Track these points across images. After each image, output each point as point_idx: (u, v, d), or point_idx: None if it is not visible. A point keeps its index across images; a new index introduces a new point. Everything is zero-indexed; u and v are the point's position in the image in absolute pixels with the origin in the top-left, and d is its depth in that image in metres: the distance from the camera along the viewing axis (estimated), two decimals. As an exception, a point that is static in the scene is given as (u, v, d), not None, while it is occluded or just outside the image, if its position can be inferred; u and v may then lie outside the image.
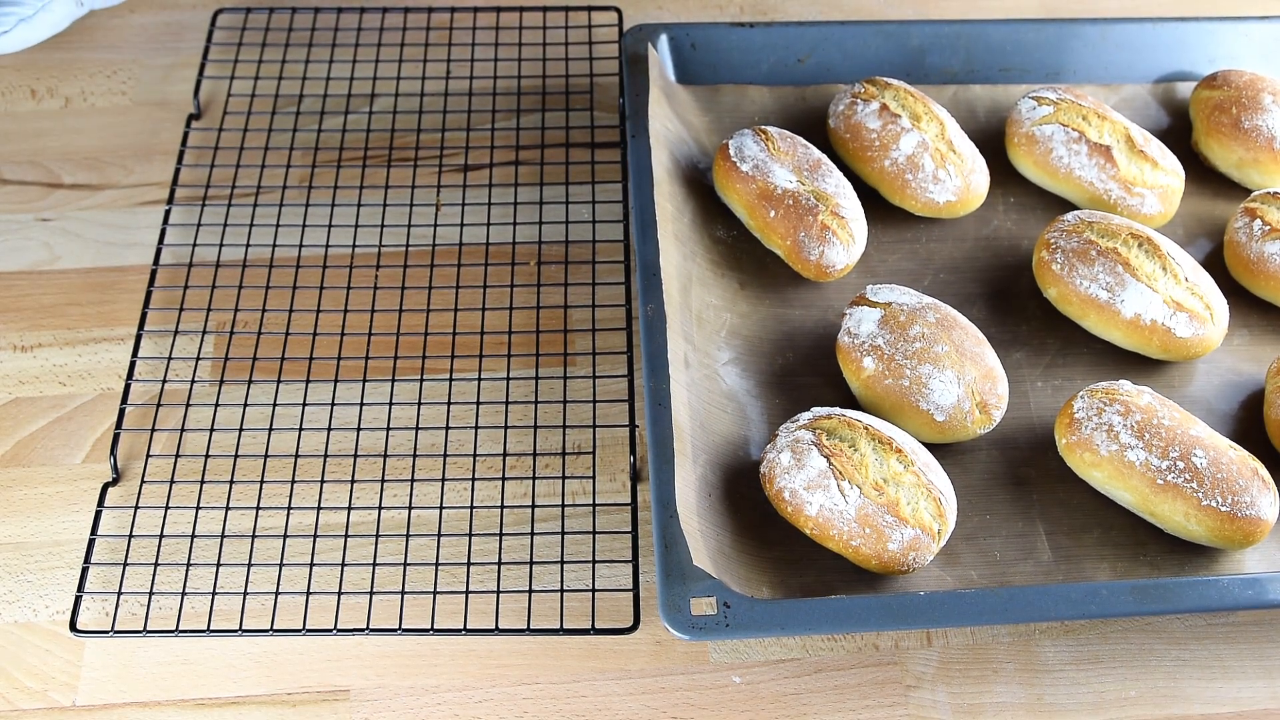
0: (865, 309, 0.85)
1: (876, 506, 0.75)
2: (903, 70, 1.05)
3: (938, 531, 0.76)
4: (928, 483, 0.76)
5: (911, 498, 0.76)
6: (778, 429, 0.82)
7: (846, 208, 0.91)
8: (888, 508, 0.75)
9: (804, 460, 0.77)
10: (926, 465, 0.78)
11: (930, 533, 0.76)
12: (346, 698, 0.76)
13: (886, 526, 0.75)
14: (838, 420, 0.79)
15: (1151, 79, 1.07)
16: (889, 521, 0.75)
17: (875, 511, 0.75)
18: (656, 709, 0.76)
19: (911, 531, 0.75)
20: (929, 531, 0.76)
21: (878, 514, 0.75)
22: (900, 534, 0.75)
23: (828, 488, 0.76)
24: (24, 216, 0.98)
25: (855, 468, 0.76)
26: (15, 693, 0.75)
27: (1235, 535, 0.78)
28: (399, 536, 0.81)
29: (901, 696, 0.76)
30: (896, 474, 0.76)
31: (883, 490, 0.76)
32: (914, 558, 0.76)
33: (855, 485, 0.76)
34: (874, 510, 0.75)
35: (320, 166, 1.00)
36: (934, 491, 0.76)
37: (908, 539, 0.75)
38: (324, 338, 0.90)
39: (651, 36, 1.02)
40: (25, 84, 1.07)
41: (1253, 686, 0.77)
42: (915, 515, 0.76)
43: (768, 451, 0.80)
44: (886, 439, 0.77)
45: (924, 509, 0.76)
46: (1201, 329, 0.87)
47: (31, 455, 0.85)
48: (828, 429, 0.78)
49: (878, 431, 0.78)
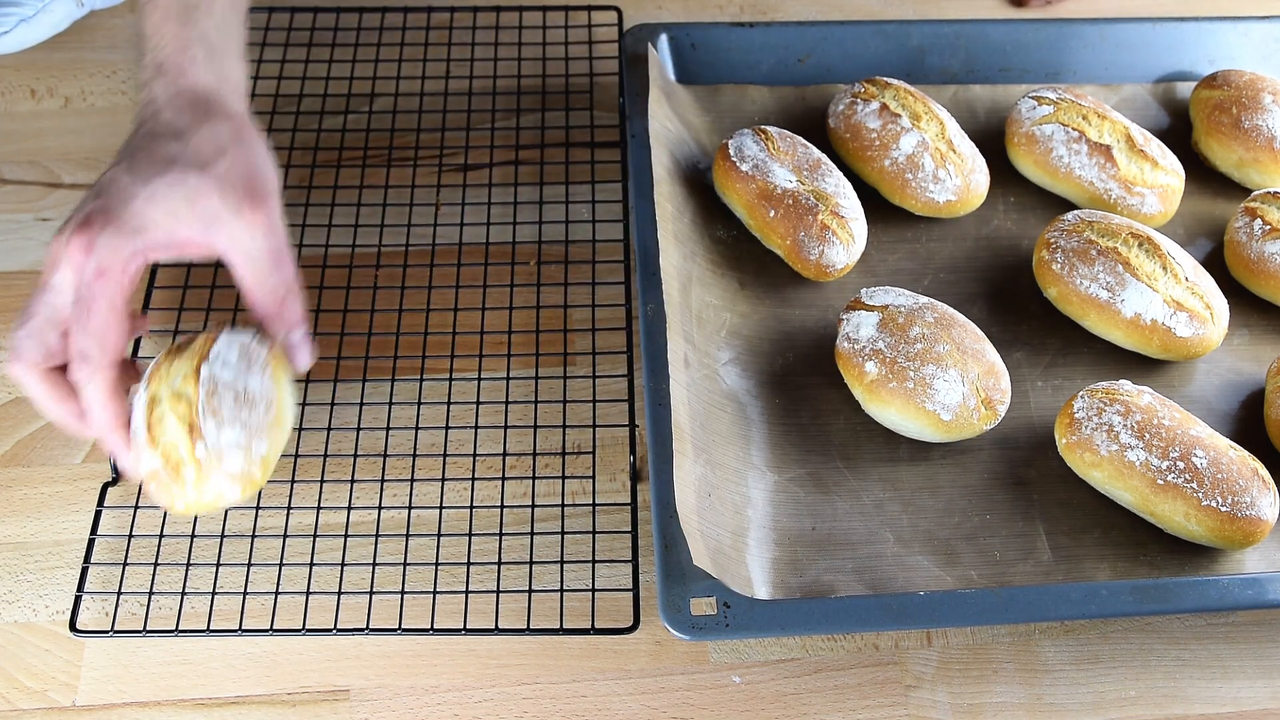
0: (863, 313, 0.85)
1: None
2: (903, 70, 1.05)
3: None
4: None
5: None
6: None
7: (846, 207, 0.91)
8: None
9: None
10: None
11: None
12: (346, 698, 0.76)
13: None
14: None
15: (1151, 79, 1.07)
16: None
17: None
18: (656, 709, 0.76)
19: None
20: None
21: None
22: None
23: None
24: (24, 216, 0.98)
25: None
26: (15, 693, 0.75)
27: (1235, 535, 0.78)
28: (399, 536, 0.81)
29: (901, 696, 0.76)
30: None
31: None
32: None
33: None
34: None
35: (320, 166, 1.00)
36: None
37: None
38: (323, 337, 0.90)
39: (651, 36, 1.02)
40: (25, 84, 1.07)
41: (1253, 686, 0.77)
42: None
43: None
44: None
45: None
46: (1202, 329, 0.87)
47: (31, 455, 0.85)
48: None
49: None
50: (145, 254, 0.70)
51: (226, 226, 0.71)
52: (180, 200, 0.70)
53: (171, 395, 0.69)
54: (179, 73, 0.74)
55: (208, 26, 0.77)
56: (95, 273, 0.68)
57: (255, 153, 0.74)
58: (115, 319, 0.68)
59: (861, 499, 0.82)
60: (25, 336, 0.69)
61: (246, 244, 0.72)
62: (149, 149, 0.71)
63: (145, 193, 0.69)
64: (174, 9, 0.76)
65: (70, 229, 0.69)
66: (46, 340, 0.69)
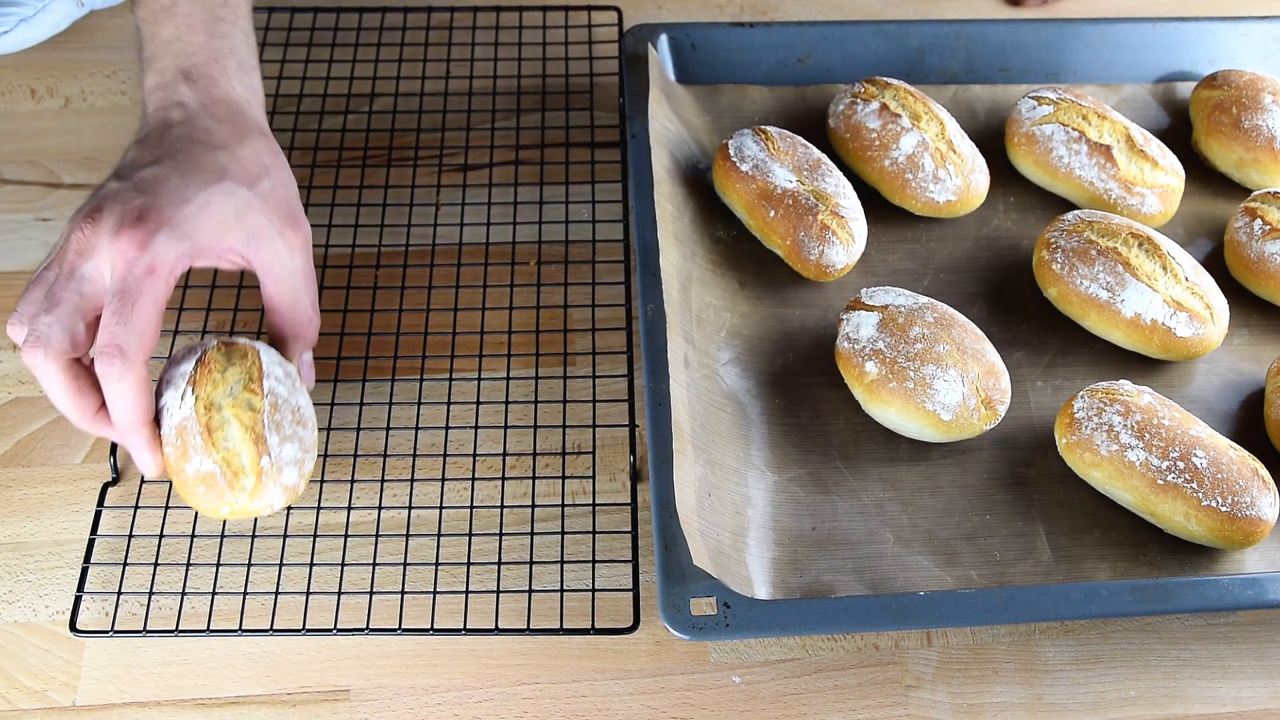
0: (862, 313, 0.85)
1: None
2: (903, 70, 1.05)
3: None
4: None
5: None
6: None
7: (846, 207, 0.91)
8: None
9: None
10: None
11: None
12: (346, 698, 0.76)
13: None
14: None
15: (1151, 79, 1.07)
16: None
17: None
18: (656, 709, 0.76)
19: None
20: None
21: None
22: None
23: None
24: (24, 216, 0.98)
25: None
26: (15, 693, 0.75)
27: (1235, 535, 0.78)
28: (399, 536, 0.81)
29: (901, 696, 0.76)
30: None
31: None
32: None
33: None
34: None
35: (320, 166, 1.00)
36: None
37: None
38: (324, 337, 0.90)
39: (651, 36, 1.02)
40: (25, 84, 1.07)
41: (1253, 686, 0.77)
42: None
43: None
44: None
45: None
46: (1202, 329, 0.87)
47: (31, 455, 0.85)
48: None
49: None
50: (192, 258, 0.71)
51: (270, 244, 0.74)
52: (231, 212, 0.72)
53: (234, 403, 0.73)
54: (211, 82, 0.76)
55: (237, 40, 0.79)
56: (146, 269, 0.68)
57: (289, 175, 0.78)
58: (158, 316, 0.69)
59: (861, 499, 0.82)
60: (53, 323, 0.68)
61: (286, 262, 0.75)
62: (194, 156, 0.73)
63: (200, 199, 0.71)
64: (200, 18, 0.78)
65: (113, 221, 0.69)
66: (75, 329, 0.69)
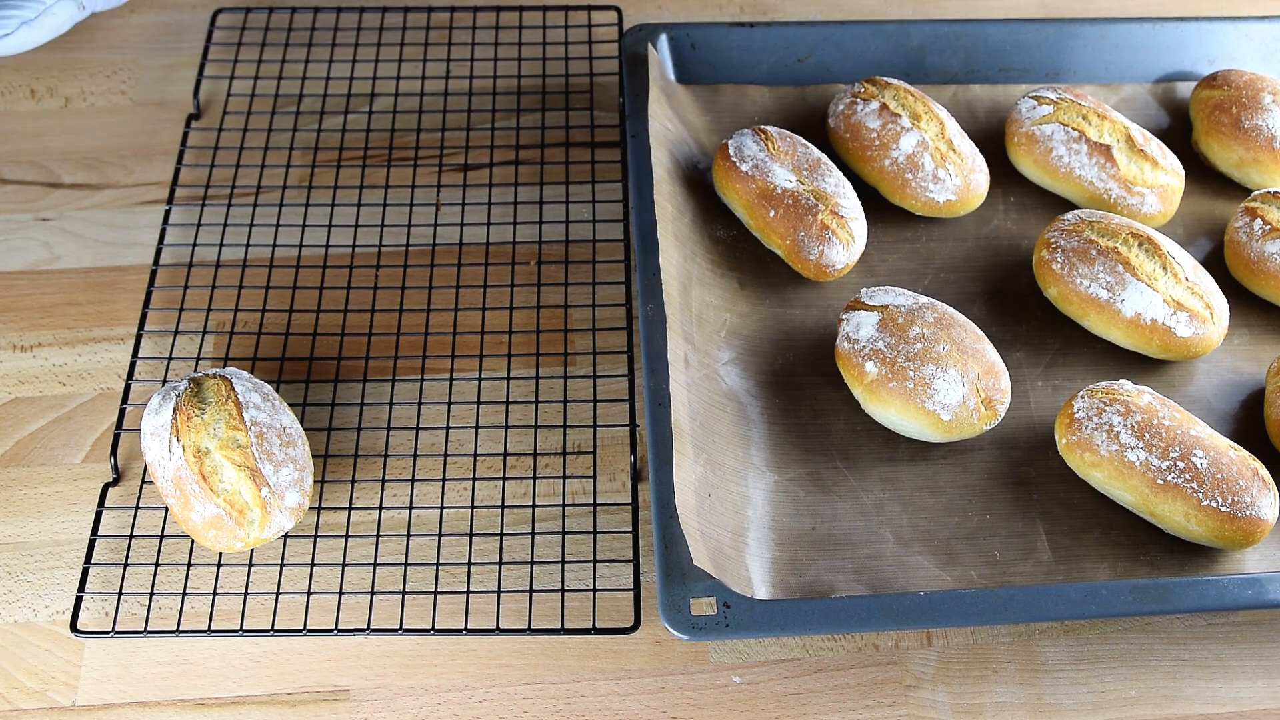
0: (863, 313, 0.85)
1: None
2: (903, 70, 1.05)
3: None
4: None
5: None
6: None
7: (846, 207, 0.91)
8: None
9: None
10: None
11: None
12: (346, 698, 0.76)
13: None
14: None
15: (1151, 79, 1.07)
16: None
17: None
18: (656, 709, 0.76)
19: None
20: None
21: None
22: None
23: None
24: (24, 216, 0.98)
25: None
26: (15, 693, 0.75)
27: (1235, 535, 0.78)
28: (399, 536, 0.81)
29: (901, 696, 0.76)
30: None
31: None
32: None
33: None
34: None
35: (320, 166, 1.00)
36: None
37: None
38: (324, 338, 0.90)
39: (651, 36, 1.02)
40: (25, 84, 1.07)
41: (1253, 686, 0.77)
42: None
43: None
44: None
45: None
46: (1202, 328, 0.87)
47: (31, 455, 0.85)
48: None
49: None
50: None
51: None
52: None
53: (221, 445, 0.75)
54: None
55: None
56: None
57: None
58: None
59: (861, 499, 0.82)
60: None
61: None
62: None
63: None
64: None
65: None
66: None
